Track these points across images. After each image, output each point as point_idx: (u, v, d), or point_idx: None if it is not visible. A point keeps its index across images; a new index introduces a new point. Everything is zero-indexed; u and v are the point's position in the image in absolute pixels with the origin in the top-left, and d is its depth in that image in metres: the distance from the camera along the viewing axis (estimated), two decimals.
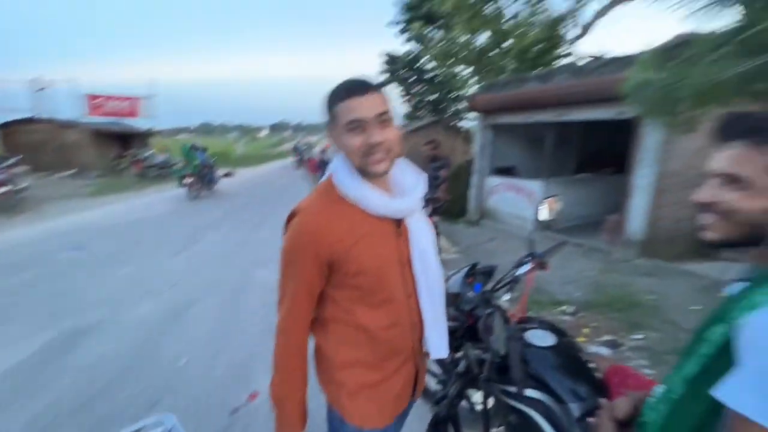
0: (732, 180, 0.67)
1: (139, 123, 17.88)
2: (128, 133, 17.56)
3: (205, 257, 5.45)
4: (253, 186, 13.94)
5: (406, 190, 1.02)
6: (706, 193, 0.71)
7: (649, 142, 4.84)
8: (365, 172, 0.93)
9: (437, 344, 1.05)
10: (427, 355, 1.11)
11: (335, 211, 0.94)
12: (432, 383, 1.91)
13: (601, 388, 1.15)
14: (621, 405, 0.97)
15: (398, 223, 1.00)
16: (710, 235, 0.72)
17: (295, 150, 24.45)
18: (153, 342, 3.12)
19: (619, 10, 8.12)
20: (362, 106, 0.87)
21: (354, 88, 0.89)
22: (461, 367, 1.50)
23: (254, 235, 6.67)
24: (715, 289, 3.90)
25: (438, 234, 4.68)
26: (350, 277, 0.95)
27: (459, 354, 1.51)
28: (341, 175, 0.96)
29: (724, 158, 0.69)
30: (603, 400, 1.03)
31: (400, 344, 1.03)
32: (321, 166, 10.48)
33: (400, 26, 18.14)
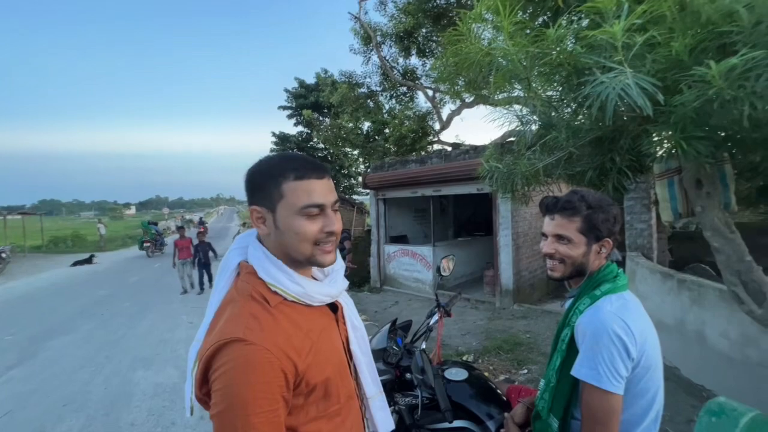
0: (560, 238, 1.10)
1: None
2: None
3: (57, 367, 4.28)
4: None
5: (327, 269, 0.91)
6: (548, 247, 1.13)
7: (503, 210, 6.17)
8: (310, 262, 0.81)
9: (383, 417, 0.98)
10: None
11: (283, 321, 0.75)
12: None
13: (505, 405, 1.44)
14: (518, 411, 1.27)
15: (333, 307, 0.90)
16: (554, 275, 1.14)
17: (201, 223, 24.69)
18: None
19: (467, 112, 10.64)
20: (322, 190, 0.77)
21: (312, 167, 0.78)
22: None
23: (131, 330, 5.57)
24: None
25: None
26: (313, 393, 0.77)
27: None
28: (273, 270, 0.78)
29: (552, 226, 1.13)
30: (507, 414, 1.31)
31: None
32: (197, 251, 8.24)
33: (289, 111, 19.54)
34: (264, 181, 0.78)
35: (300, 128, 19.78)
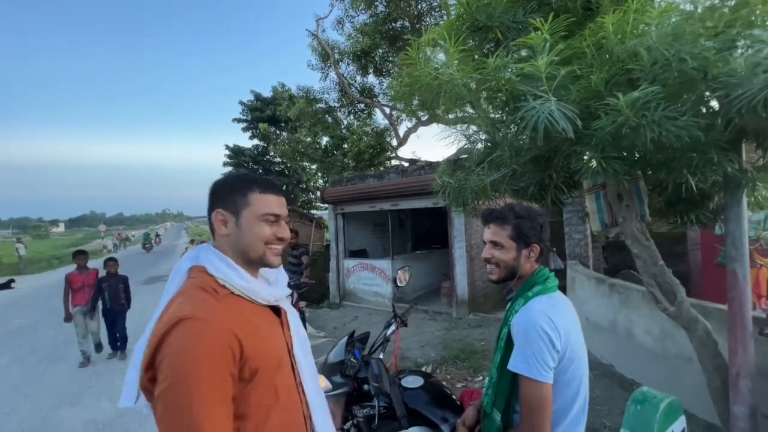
0: (495, 244, 1.22)
1: None
2: None
3: None
4: None
5: (272, 278, 1.03)
6: (486, 252, 1.26)
7: (458, 223, 6.45)
8: (261, 262, 0.94)
9: (323, 420, 1.03)
10: None
11: (229, 308, 0.84)
12: None
13: (460, 409, 1.50)
14: (469, 414, 1.34)
15: (276, 311, 0.98)
16: (492, 277, 1.26)
17: (156, 236, 28.01)
18: None
19: (422, 130, 11.08)
20: (279, 204, 0.96)
21: (272, 186, 0.97)
22: None
23: (56, 363, 4.96)
24: None
25: (305, 320, 4.67)
26: (254, 378, 0.83)
27: (347, 425, 1.63)
28: (221, 266, 0.88)
29: (489, 233, 1.26)
30: (459, 419, 1.38)
31: None
32: (100, 290, 4.83)
33: (244, 124, 19.02)
34: (232, 190, 0.93)
35: (255, 141, 19.29)
